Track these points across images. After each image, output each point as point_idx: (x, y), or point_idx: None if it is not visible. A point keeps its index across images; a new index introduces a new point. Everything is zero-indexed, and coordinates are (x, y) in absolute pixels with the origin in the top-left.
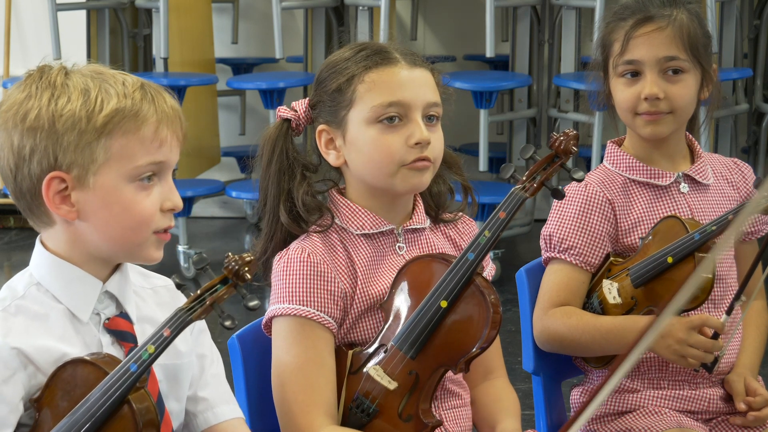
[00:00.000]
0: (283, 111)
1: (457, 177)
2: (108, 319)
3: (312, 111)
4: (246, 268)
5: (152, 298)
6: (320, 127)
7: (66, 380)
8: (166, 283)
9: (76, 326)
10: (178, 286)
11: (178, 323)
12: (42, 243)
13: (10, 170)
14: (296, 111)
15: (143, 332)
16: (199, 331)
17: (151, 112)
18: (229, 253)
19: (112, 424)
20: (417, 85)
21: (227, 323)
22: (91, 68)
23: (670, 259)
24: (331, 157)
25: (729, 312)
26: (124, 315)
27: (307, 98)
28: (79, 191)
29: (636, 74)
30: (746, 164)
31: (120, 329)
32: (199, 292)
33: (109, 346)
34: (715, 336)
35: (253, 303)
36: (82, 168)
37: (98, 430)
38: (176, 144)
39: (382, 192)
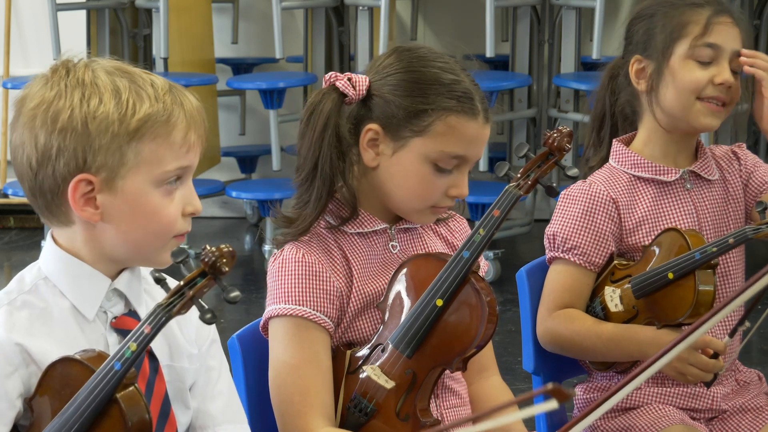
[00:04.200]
0: (342, 81)
1: None
2: (115, 318)
3: (371, 98)
4: (224, 260)
5: (163, 295)
6: (373, 125)
7: (56, 379)
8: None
9: (81, 324)
10: (157, 281)
11: (158, 319)
12: (53, 237)
13: (31, 168)
14: (355, 89)
15: None
16: (211, 342)
17: (181, 117)
18: (206, 246)
19: (101, 423)
20: (482, 142)
21: (207, 316)
22: (114, 65)
23: (671, 275)
24: (368, 156)
25: (732, 335)
26: (132, 313)
27: (368, 78)
28: (105, 194)
29: (705, 62)
30: (742, 147)
31: (127, 328)
32: (178, 285)
33: (115, 346)
34: (716, 356)
35: (233, 294)
36: (111, 171)
37: (88, 430)
38: (200, 146)
39: (393, 208)
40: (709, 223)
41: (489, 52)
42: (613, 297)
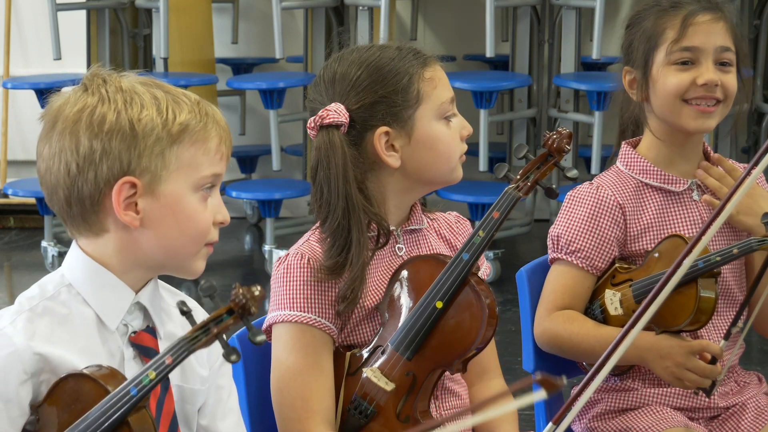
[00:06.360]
0: (332, 118)
1: None
2: (135, 332)
3: (354, 115)
4: (253, 302)
5: (179, 317)
6: (383, 129)
7: (68, 393)
8: (194, 305)
9: (103, 334)
10: (183, 313)
11: (181, 352)
12: (79, 245)
13: (69, 174)
14: (341, 115)
15: None
16: (223, 361)
17: (215, 127)
18: (237, 284)
19: None
20: (447, 80)
21: (232, 357)
22: (144, 78)
23: None
24: (393, 159)
25: (727, 337)
26: (150, 330)
27: (341, 104)
28: (146, 198)
29: (686, 63)
30: (761, 179)
31: (144, 345)
32: (204, 321)
33: (130, 360)
34: (713, 361)
35: (259, 339)
36: (153, 175)
37: None
38: (228, 159)
39: (428, 188)
40: (714, 234)
41: (489, 52)
42: (613, 300)
